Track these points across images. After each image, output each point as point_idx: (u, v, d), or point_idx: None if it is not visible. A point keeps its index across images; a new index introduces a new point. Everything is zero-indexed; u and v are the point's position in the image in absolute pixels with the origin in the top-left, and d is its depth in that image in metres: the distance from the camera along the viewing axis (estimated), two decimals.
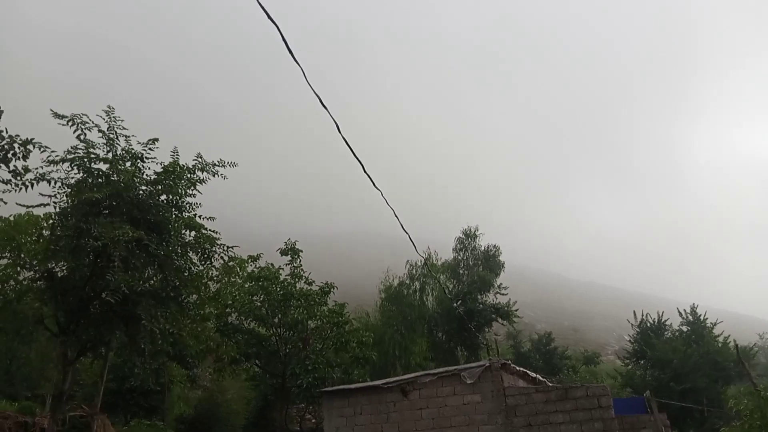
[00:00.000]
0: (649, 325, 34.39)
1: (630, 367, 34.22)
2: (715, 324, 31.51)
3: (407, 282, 35.54)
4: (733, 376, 28.43)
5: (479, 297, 35.86)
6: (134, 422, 15.26)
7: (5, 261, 11.76)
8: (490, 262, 37.20)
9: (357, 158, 7.87)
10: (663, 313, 34.74)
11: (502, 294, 36.63)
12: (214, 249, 12.65)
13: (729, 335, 29.73)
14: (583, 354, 45.48)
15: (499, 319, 36.11)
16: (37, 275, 11.73)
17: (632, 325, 35.39)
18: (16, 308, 12.11)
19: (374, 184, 8.75)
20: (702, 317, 31.95)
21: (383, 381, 18.43)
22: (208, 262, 12.82)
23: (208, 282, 13.19)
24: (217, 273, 13.29)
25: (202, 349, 15.53)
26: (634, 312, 35.73)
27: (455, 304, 34.45)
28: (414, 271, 35.99)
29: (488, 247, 37.91)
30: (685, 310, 32.90)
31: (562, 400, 15.43)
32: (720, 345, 29.67)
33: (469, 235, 38.55)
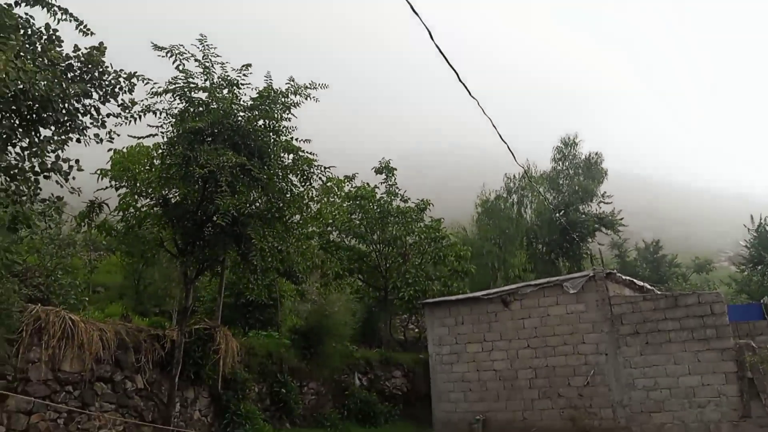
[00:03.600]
0: (767, 229, 32.17)
1: (746, 273, 32.46)
2: None
3: (504, 195, 35.07)
4: None
5: (581, 207, 34.84)
6: (252, 333, 16.46)
7: (124, 190, 12.64)
8: (592, 170, 35.78)
9: (451, 66, 7.63)
10: None
11: (606, 203, 35.35)
12: (312, 170, 12.94)
13: None
14: (693, 261, 43.56)
15: (603, 229, 35.04)
16: (153, 202, 12.59)
17: (749, 229, 33.24)
18: (138, 233, 13.10)
19: (470, 93, 8.50)
20: None
21: (484, 292, 18.67)
22: (307, 184, 13.16)
23: (309, 202, 13.60)
24: (317, 193, 13.65)
25: (308, 266, 16.27)
26: (752, 216, 33.45)
27: (557, 215, 33.69)
28: (511, 184, 35.39)
29: (590, 155, 36.38)
30: None
31: (672, 308, 15.00)
32: None
33: (569, 144, 37.07)
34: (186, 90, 11.79)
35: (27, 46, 8.14)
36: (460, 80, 8.03)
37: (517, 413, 16.44)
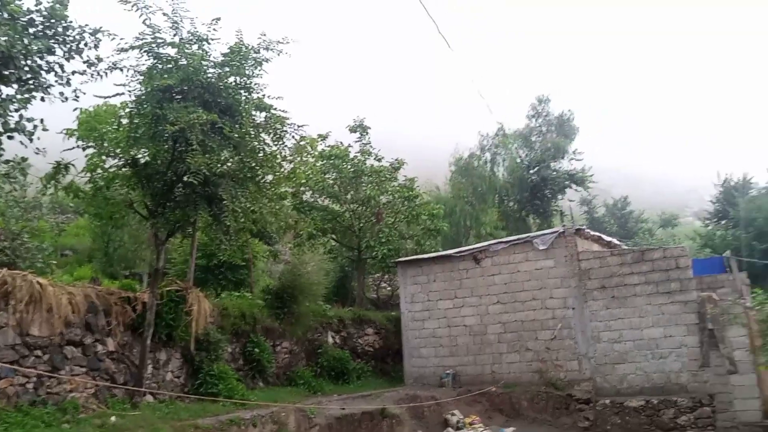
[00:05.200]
0: (733, 184, 32.99)
1: (710, 227, 33.39)
2: None
3: (478, 153, 35.25)
4: None
5: (552, 164, 35.23)
6: (225, 294, 16.47)
7: (91, 150, 12.31)
8: (565, 127, 36.05)
9: (431, 17, 7.55)
10: (748, 172, 33.15)
11: (577, 160, 35.81)
12: (284, 129, 12.75)
13: None
14: (660, 217, 44.58)
15: (574, 186, 35.56)
16: (122, 162, 12.31)
17: (715, 185, 34.05)
18: (106, 195, 12.83)
19: (449, 45, 8.43)
20: None
21: (456, 250, 18.97)
22: (280, 143, 12.99)
23: (282, 162, 13.46)
24: (290, 153, 13.51)
25: (281, 226, 16.23)
26: (718, 172, 34.25)
27: (530, 172, 33.98)
28: (485, 141, 35.54)
29: (562, 113, 36.60)
30: None
31: (638, 263, 15.44)
32: None
33: (543, 101, 37.19)
34: (153, 46, 11.42)
35: None
36: (439, 32, 7.96)
37: (486, 367, 16.94)
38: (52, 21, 8.48)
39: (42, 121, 8.57)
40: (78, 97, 9.35)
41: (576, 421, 14.86)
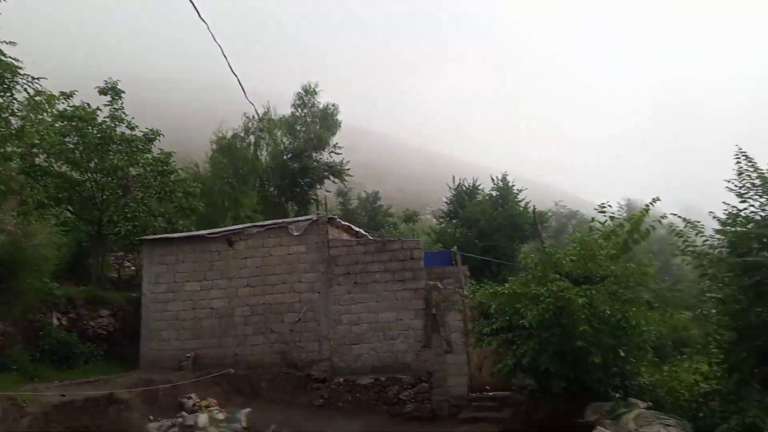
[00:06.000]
0: (464, 188, 37.49)
1: (443, 225, 37.44)
2: (520, 191, 35.17)
3: (242, 135, 34.73)
4: (527, 236, 32.42)
5: (314, 155, 36.27)
6: None
7: None
8: (328, 120, 37.33)
9: None
10: (478, 178, 37.97)
11: (337, 153, 37.42)
12: (15, 79, 11.20)
13: (530, 201, 33.42)
14: (404, 213, 48.69)
15: (331, 178, 37.09)
16: None
17: (450, 188, 38.28)
18: None
19: (200, 16, 8.07)
20: (510, 184, 35.40)
21: (208, 231, 18.53)
22: (8, 94, 11.37)
23: (9, 117, 11.78)
24: (21, 108, 11.89)
25: (3, 191, 14.15)
26: (453, 176, 38.60)
27: (287, 158, 34.62)
28: (250, 124, 35.15)
29: (327, 106, 37.84)
30: (497, 177, 36.17)
31: (380, 252, 16.77)
32: (521, 209, 33.33)
33: (309, 92, 38.00)
34: None
35: None
36: (200, 17, 7.60)
37: (229, 349, 16.88)
38: None
39: None
40: None
41: (312, 399, 15.61)
